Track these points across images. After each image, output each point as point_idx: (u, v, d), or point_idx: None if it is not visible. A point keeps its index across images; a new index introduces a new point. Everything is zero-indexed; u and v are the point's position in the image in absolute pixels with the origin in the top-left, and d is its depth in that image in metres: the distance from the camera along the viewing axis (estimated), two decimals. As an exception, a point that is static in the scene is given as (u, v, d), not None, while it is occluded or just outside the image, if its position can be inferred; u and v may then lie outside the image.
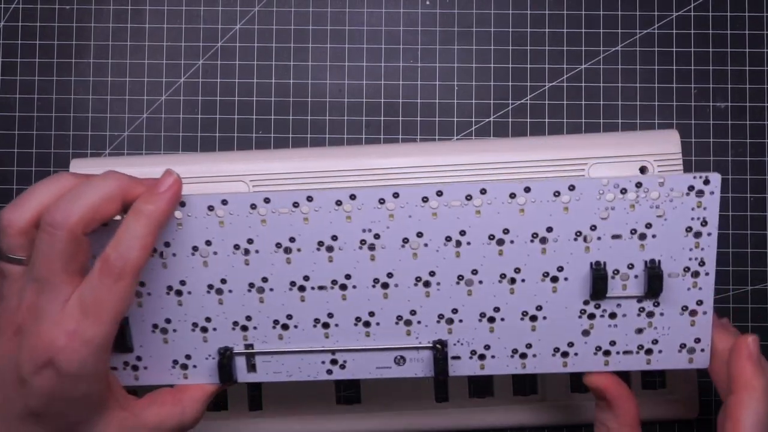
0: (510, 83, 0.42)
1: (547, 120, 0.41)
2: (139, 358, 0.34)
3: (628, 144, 0.37)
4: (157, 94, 0.42)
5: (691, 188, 0.32)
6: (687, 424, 0.40)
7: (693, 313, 0.33)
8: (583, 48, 0.42)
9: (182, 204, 0.32)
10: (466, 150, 0.37)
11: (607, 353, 0.34)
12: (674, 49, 0.42)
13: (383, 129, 0.41)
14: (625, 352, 0.34)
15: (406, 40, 0.42)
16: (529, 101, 0.42)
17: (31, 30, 0.42)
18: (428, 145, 0.38)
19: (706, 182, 0.32)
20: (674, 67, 0.42)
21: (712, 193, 0.32)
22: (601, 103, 0.41)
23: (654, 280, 0.32)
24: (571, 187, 0.32)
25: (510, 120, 0.41)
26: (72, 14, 0.42)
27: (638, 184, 0.32)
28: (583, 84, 0.41)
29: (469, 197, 0.32)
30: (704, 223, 0.32)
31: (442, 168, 0.37)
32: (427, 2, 0.42)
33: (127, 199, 0.30)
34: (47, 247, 0.29)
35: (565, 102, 0.41)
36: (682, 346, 0.34)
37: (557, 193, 0.32)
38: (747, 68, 0.41)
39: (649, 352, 0.34)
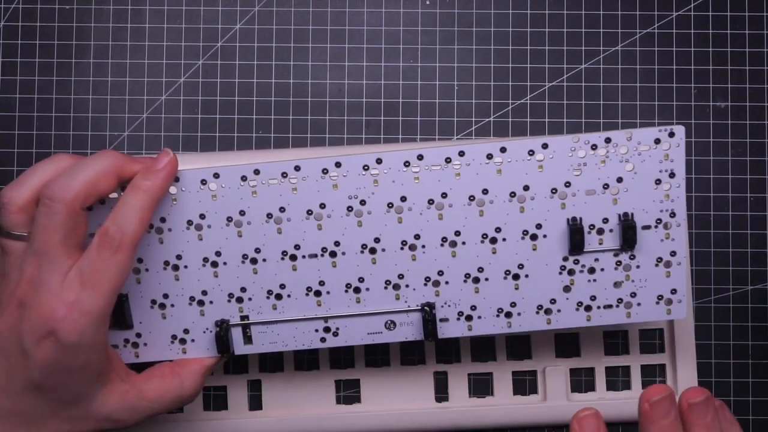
0: (510, 83, 0.42)
1: (547, 120, 0.41)
2: (138, 335, 0.35)
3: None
4: (157, 94, 0.42)
5: (657, 141, 0.33)
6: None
7: (667, 264, 0.34)
8: (583, 48, 0.42)
9: (176, 179, 0.33)
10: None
11: (588, 308, 0.35)
12: (674, 49, 0.42)
13: (383, 129, 0.41)
14: (606, 307, 0.35)
15: (406, 40, 0.42)
16: (529, 101, 0.42)
17: (31, 30, 0.42)
18: (428, 145, 0.38)
19: (671, 135, 0.33)
20: (674, 67, 0.42)
21: (678, 145, 0.33)
22: (601, 103, 0.41)
23: (628, 231, 0.34)
24: (545, 146, 0.33)
25: (510, 120, 0.41)
26: (72, 14, 0.42)
27: (607, 140, 0.33)
28: (583, 84, 0.41)
29: (448, 160, 0.33)
30: (672, 174, 0.34)
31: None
32: (427, 2, 0.42)
33: (123, 175, 0.32)
34: (46, 220, 0.30)
35: (565, 102, 0.41)
36: (659, 297, 0.35)
37: (531, 152, 0.33)
38: (747, 68, 0.41)
39: (628, 305, 0.35)
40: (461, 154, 0.33)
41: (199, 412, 0.40)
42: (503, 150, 0.33)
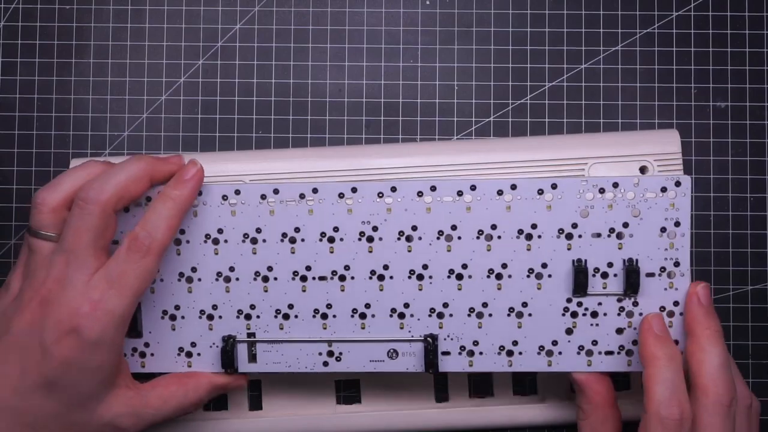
0: (510, 83, 0.42)
1: (547, 120, 0.41)
2: (147, 345, 0.35)
3: (628, 144, 0.37)
4: (157, 94, 0.42)
5: (663, 189, 0.34)
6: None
7: (670, 314, 0.34)
8: (583, 48, 0.42)
9: (199, 193, 0.34)
10: (466, 150, 0.37)
11: (589, 353, 0.35)
12: (674, 49, 0.42)
13: (383, 129, 0.41)
14: (607, 353, 0.35)
15: (406, 40, 0.42)
16: (529, 101, 0.42)
17: (31, 30, 0.42)
18: (428, 145, 0.38)
19: (678, 184, 0.34)
20: (674, 67, 0.42)
21: (684, 194, 0.34)
22: (601, 103, 0.41)
23: (631, 276, 0.34)
24: (554, 186, 0.34)
25: (510, 120, 0.41)
26: (72, 14, 0.42)
27: (615, 185, 0.34)
28: (583, 84, 0.41)
29: (460, 193, 0.34)
30: (677, 224, 0.34)
31: (442, 168, 0.37)
32: (427, 2, 0.42)
33: (155, 178, 0.33)
34: (79, 221, 0.31)
35: (565, 102, 0.41)
36: None
37: (541, 191, 0.34)
38: (747, 68, 0.41)
39: (629, 353, 0.35)
40: (473, 188, 0.34)
41: (199, 412, 0.40)
42: (513, 187, 0.34)
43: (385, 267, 0.34)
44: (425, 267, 0.34)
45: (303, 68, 0.42)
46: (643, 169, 0.40)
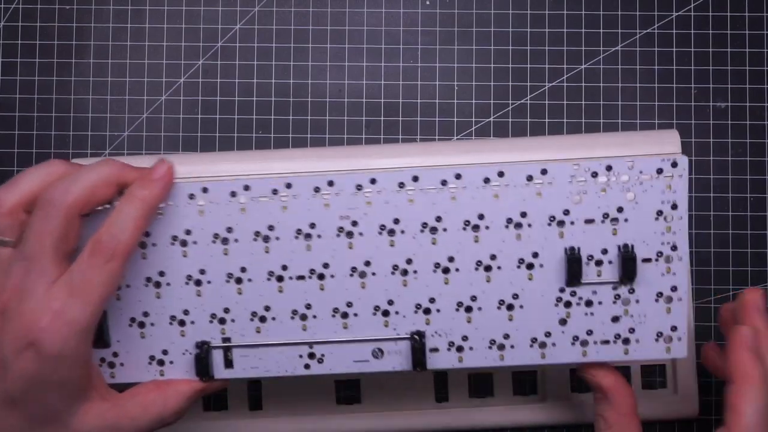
0: (510, 83, 0.42)
1: (547, 120, 0.41)
2: (115, 354, 0.33)
3: (628, 144, 0.37)
4: (157, 94, 0.42)
5: (659, 171, 0.32)
6: (687, 424, 0.40)
7: (668, 299, 0.33)
8: (583, 48, 0.42)
9: None
10: (466, 150, 0.37)
11: (584, 343, 0.33)
12: (674, 49, 0.42)
13: (383, 129, 0.41)
14: (603, 342, 0.33)
15: (406, 40, 0.42)
16: (529, 101, 0.42)
17: (31, 30, 0.42)
18: (428, 145, 0.38)
19: (674, 165, 0.32)
20: (674, 67, 0.42)
21: (680, 175, 0.32)
22: (601, 103, 0.41)
23: (627, 263, 0.32)
24: (543, 171, 0.32)
25: (510, 120, 0.41)
26: (72, 14, 0.42)
27: (608, 167, 0.32)
28: (583, 84, 0.41)
29: (444, 182, 0.32)
30: (674, 206, 0.32)
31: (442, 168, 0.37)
32: (427, 2, 0.42)
33: (122, 184, 0.31)
34: (41, 224, 0.29)
35: (565, 102, 0.41)
36: (659, 334, 0.33)
37: (530, 177, 0.32)
38: (747, 68, 0.41)
39: (626, 341, 0.33)
40: (458, 176, 0.32)
41: (199, 412, 0.40)
42: (501, 174, 0.32)
43: (367, 263, 0.33)
44: (409, 261, 0.33)
45: (303, 68, 0.42)
46: (643, 170, 0.40)
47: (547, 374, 0.40)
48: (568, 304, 0.33)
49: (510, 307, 0.33)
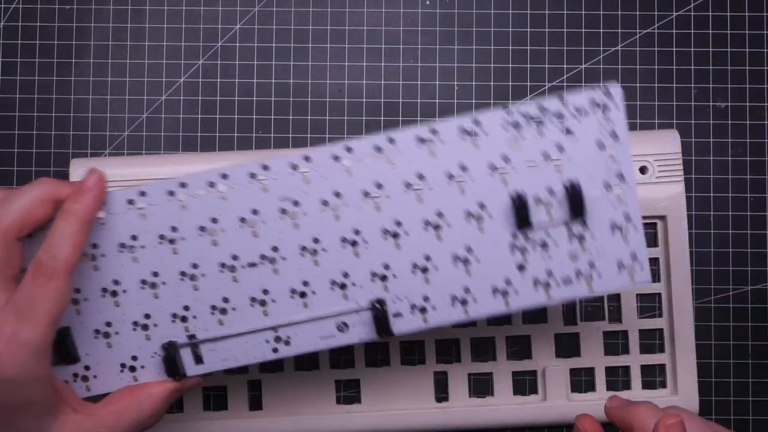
0: (510, 83, 0.42)
1: (547, 120, 0.41)
2: (87, 368, 0.33)
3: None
4: (157, 94, 0.42)
5: (595, 105, 0.32)
6: (687, 424, 0.41)
7: (623, 228, 0.33)
8: (583, 48, 0.42)
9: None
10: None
11: (546, 285, 0.33)
12: (674, 49, 0.42)
13: (383, 129, 0.41)
14: (565, 281, 0.33)
15: (406, 40, 0.42)
16: (529, 101, 0.41)
17: (31, 30, 0.42)
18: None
19: (608, 94, 0.32)
20: (674, 67, 0.42)
21: (616, 107, 0.32)
22: (601, 103, 0.41)
23: (574, 199, 0.32)
24: (477, 122, 0.32)
25: (510, 120, 0.41)
26: (72, 14, 0.42)
27: (542, 109, 0.32)
28: (583, 84, 0.41)
29: (379, 149, 0.32)
30: (614, 135, 0.32)
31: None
32: (427, 2, 0.42)
33: (58, 200, 0.31)
34: None
35: (565, 102, 0.41)
36: (620, 265, 0.33)
37: (464, 131, 0.32)
38: (747, 68, 0.41)
39: (588, 277, 0.33)
40: (391, 141, 0.32)
41: (199, 412, 0.40)
42: (434, 132, 0.32)
43: (315, 240, 0.33)
44: (357, 232, 0.33)
45: (303, 68, 0.42)
46: (643, 170, 0.40)
47: (547, 374, 0.40)
48: (523, 250, 0.33)
49: (465, 261, 0.33)
